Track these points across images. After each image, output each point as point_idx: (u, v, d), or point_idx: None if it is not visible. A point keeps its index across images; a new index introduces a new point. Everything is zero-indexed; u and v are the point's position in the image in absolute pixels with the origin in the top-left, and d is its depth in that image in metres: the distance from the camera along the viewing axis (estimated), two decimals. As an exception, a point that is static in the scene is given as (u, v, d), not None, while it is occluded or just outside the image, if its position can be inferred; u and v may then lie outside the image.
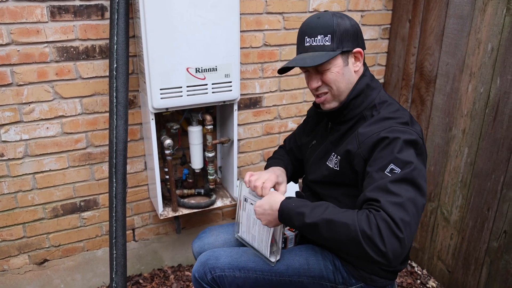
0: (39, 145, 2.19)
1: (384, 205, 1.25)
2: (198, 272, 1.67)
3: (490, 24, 2.14)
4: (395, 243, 1.20)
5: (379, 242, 1.20)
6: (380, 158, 1.35)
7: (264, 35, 2.48)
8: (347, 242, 1.26)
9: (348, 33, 1.46)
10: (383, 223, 1.21)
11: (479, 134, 2.27)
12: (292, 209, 1.41)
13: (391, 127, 1.39)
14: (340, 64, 1.48)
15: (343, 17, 1.48)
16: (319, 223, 1.32)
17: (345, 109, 1.54)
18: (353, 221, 1.25)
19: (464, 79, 2.32)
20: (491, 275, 2.31)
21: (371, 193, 1.31)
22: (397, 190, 1.27)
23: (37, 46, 2.03)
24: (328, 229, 1.30)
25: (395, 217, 1.22)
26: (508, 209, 2.16)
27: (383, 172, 1.32)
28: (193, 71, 2.07)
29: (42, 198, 2.30)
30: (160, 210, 2.36)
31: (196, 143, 2.36)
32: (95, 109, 2.25)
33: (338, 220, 1.28)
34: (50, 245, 2.41)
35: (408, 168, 1.30)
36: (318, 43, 1.47)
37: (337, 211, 1.33)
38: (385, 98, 1.54)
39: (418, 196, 1.29)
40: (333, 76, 1.49)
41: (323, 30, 1.45)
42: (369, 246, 1.21)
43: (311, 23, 1.49)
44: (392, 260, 1.21)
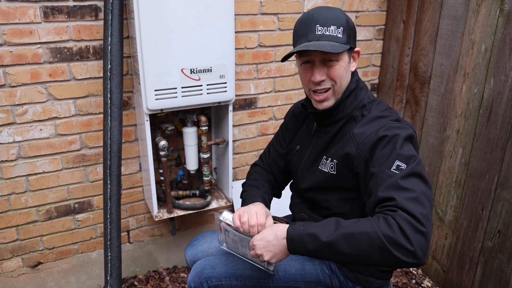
0: (33, 147, 2.17)
1: (401, 202, 1.20)
2: (194, 282, 1.64)
3: (484, 25, 2.15)
4: (421, 239, 1.15)
5: (406, 243, 1.14)
6: (383, 157, 1.32)
7: (259, 35, 2.48)
8: (372, 252, 1.18)
9: (354, 30, 1.47)
10: (404, 222, 1.16)
11: (473, 134, 2.28)
12: (303, 233, 1.30)
13: (386, 125, 1.39)
14: (346, 60, 1.46)
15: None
16: (337, 239, 1.22)
17: (335, 110, 1.52)
18: (372, 228, 1.19)
19: (458, 80, 2.33)
20: (486, 275, 2.32)
21: (383, 192, 1.25)
22: (409, 186, 1.23)
23: (30, 47, 2.01)
24: (348, 244, 1.21)
25: (415, 213, 1.17)
26: (502, 208, 2.17)
27: (390, 170, 1.28)
28: (187, 72, 2.06)
29: (35, 200, 2.28)
30: (155, 211, 2.35)
31: (191, 144, 2.35)
32: (89, 111, 2.23)
33: (357, 231, 1.20)
34: (44, 247, 2.40)
35: (413, 163, 1.28)
36: (332, 33, 1.39)
37: (350, 223, 1.25)
38: (373, 97, 1.55)
39: (427, 189, 1.26)
40: (340, 71, 1.44)
41: (337, 21, 1.40)
42: (397, 249, 1.15)
43: (323, 12, 1.41)
44: (422, 257, 1.15)
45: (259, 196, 1.68)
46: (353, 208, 1.52)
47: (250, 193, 1.70)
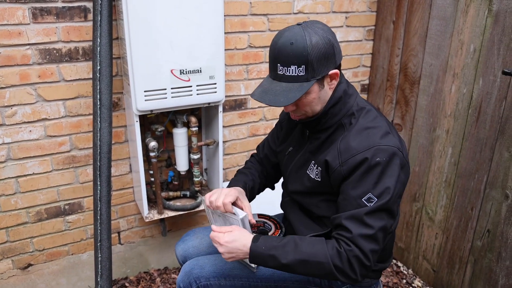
0: (22, 149, 2.17)
1: (355, 239, 1.34)
2: (183, 282, 1.65)
3: (472, 25, 2.17)
4: (364, 271, 1.36)
5: (351, 273, 1.35)
6: (360, 183, 1.37)
7: (249, 36, 2.48)
8: (322, 275, 1.40)
9: (323, 57, 1.36)
10: (354, 259, 1.34)
11: (463, 134, 2.29)
12: (264, 253, 1.43)
13: (374, 147, 1.37)
14: (316, 90, 1.42)
15: (317, 32, 1.37)
16: (294, 264, 1.39)
17: (323, 118, 1.49)
18: (326, 258, 1.36)
19: (447, 80, 2.34)
20: (475, 274, 2.34)
21: (346, 221, 1.37)
22: (371, 222, 1.35)
23: (19, 48, 2.01)
24: (303, 268, 1.39)
25: (365, 250, 1.34)
26: (491, 208, 2.19)
27: (361, 199, 1.36)
28: (177, 73, 2.06)
29: (25, 202, 2.27)
30: (145, 212, 2.35)
31: (181, 145, 2.35)
32: (79, 112, 2.23)
33: (312, 260, 1.37)
34: (34, 249, 2.39)
35: (385, 198, 1.35)
36: (292, 74, 1.37)
37: (307, 247, 1.40)
38: (363, 104, 1.51)
39: (389, 221, 1.39)
40: (308, 102, 1.44)
41: (297, 60, 1.35)
42: (342, 276, 1.37)
43: (284, 50, 1.36)
44: (360, 280, 1.38)
45: (242, 181, 1.76)
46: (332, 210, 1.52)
47: (235, 179, 1.80)
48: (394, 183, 1.36)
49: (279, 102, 1.37)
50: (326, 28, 1.40)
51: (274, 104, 1.38)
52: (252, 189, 1.78)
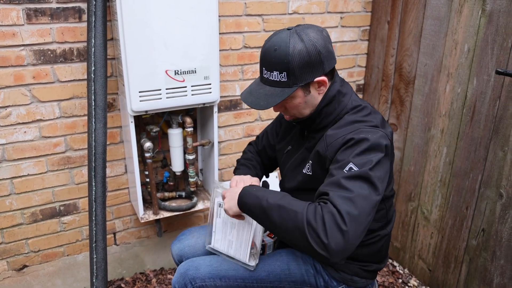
0: (17, 150, 2.16)
1: (332, 197, 1.24)
2: (179, 283, 1.65)
3: (466, 25, 2.17)
4: (338, 235, 1.18)
5: (322, 234, 1.18)
6: (342, 158, 1.33)
7: (243, 37, 2.48)
8: (293, 230, 1.25)
9: (306, 65, 1.37)
10: (328, 215, 1.20)
11: (457, 134, 2.30)
12: (251, 192, 1.40)
13: (358, 129, 1.38)
14: (301, 95, 1.44)
15: (305, 38, 1.37)
16: (272, 207, 1.30)
17: (317, 118, 1.50)
18: (302, 210, 1.25)
19: (442, 80, 2.35)
20: (471, 273, 2.34)
21: (323, 187, 1.30)
22: (349, 186, 1.25)
23: (13, 49, 2.00)
24: (278, 215, 1.29)
25: (341, 209, 1.20)
26: (486, 207, 2.19)
27: (342, 170, 1.30)
28: (172, 73, 2.06)
29: (20, 203, 2.27)
30: (141, 213, 2.35)
31: (176, 146, 2.35)
32: (73, 113, 2.23)
33: (289, 207, 1.27)
34: (30, 250, 2.38)
35: (367, 167, 1.28)
36: (274, 79, 1.40)
37: (291, 200, 1.32)
38: (357, 102, 1.51)
39: (372, 194, 1.27)
40: (294, 106, 1.47)
41: (279, 66, 1.37)
42: (312, 237, 1.20)
43: (268, 55, 1.40)
44: (334, 253, 1.18)
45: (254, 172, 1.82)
46: None
47: (242, 172, 1.81)
48: (378, 159, 1.31)
49: (259, 105, 1.41)
50: (317, 35, 1.39)
51: (254, 107, 1.43)
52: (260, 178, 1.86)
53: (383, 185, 1.32)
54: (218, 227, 1.71)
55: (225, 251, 1.68)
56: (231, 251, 1.67)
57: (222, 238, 1.69)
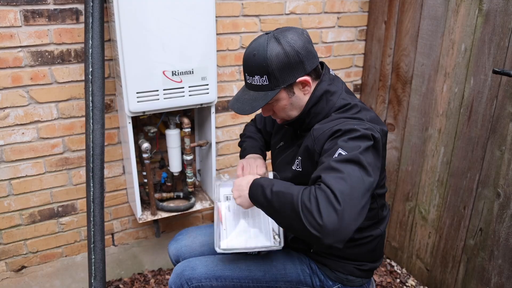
0: (15, 151, 2.16)
1: (324, 179, 1.22)
2: (175, 283, 1.66)
3: (463, 24, 2.18)
4: (332, 214, 1.15)
5: (316, 214, 1.16)
6: (330, 147, 1.33)
7: (241, 37, 2.48)
8: (290, 213, 1.24)
9: (286, 66, 1.40)
10: (321, 193, 1.18)
11: (455, 134, 2.30)
12: (259, 183, 1.40)
13: (345, 121, 1.38)
14: (285, 97, 1.46)
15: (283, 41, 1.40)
16: (274, 196, 1.30)
17: (306, 118, 1.51)
18: (298, 192, 1.24)
19: (439, 80, 2.35)
20: (468, 272, 2.35)
21: (315, 173, 1.29)
22: (340, 167, 1.24)
23: (11, 51, 2.01)
24: (278, 200, 1.29)
25: (333, 189, 1.18)
26: (483, 207, 2.20)
27: (331, 156, 1.28)
28: (169, 74, 2.06)
29: (18, 204, 2.27)
30: (138, 214, 2.35)
31: (174, 146, 2.35)
32: (71, 114, 2.23)
33: (286, 191, 1.27)
34: (28, 251, 2.38)
35: (356, 151, 1.27)
36: (257, 83, 1.44)
37: (291, 185, 1.31)
38: (346, 101, 1.50)
39: (364, 176, 1.25)
40: (281, 109, 1.50)
41: (259, 70, 1.41)
42: (306, 217, 1.18)
43: (248, 60, 1.44)
44: (330, 233, 1.15)
45: (258, 148, 1.87)
46: None
47: (249, 144, 1.88)
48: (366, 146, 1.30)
49: (245, 110, 1.45)
50: (295, 36, 1.42)
51: (240, 112, 1.46)
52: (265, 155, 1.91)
53: (374, 171, 1.30)
54: (229, 224, 1.66)
55: (243, 245, 1.62)
56: (252, 242, 1.62)
57: (237, 234, 1.65)
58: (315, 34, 2.69)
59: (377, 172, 1.32)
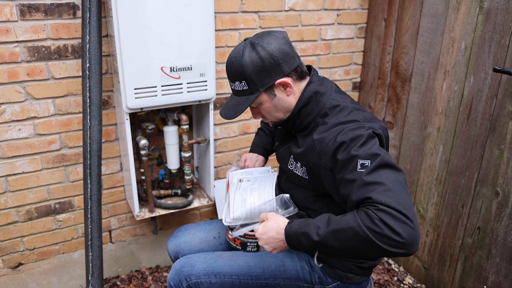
0: (11, 147, 2.15)
1: (376, 198, 1.21)
2: (174, 280, 1.66)
3: (464, 22, 2.17)
4: (407, 228, 1.16)
5: (393, 235, 1.16)
6: (346, 161, 1.32)
7: (240, 34, 2.47)
8: (360, 245, 1.22)
9: (262, 70, 1.43)
10: (384, 214, 1.18)
11: (454, 132, 2.30)
12: (298, 232, 1.36)
13: (343, 130, 1.38)
14: (267, 99, 1.50)
15: (257, 48, 1.43)
16: (326, 237, 1.27)
17: (297, 119, 1.53)
18: (357, 222, 1.21)
19: (438, 78, 2.34)
20: (466, 271, 2.34)
21: (356, 195, 1.27)
22: (377, 179, 1.24)
23: (7, 46, 1.99)
24: (337, 240, 1.25)
25: (391, 204, 1.18)
26: (481, 205, 2.19)
27: (356, 170, 1.28)
28: (167, 70, 2.05)
29: (15, 201, 2.25)
30: (136, 211, 2.34)
31: (172, 143, 2.34)
32: (68, 110, 2.21)
33: (343, 227, 1.24)
34: (25, 248, 2.37)
35: (377, 156, 1.28)
36: (238, 88, 1.50)
37: (337, 219, 1.28)
38: (336, 102, 1.50)
39: (397, 175, 1.27)
40: (265, 111, 1.54)
41: (237, 76, 1.47)
42: (385, 242, 1.17)
43: (227, 67, 1.51)
44: (412, 244, 1.17)
45: (262, 146, 1.98)
46: (324, 206, 1.54)
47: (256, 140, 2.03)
48: (377, 146, 1.33)
49: (229, 115, 1.52)
50: (271, 39, 1.45)
51: (226, 117, 1.53)
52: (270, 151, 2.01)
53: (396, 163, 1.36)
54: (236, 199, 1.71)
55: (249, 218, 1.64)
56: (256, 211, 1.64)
57: (242, 206, 1.67)
58: (314, 31, 2.67)
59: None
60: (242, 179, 1.80)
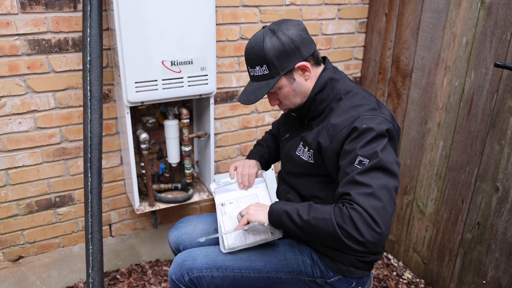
0: (12, 140, 2.15)
1: (354, 197, 1.31)
2: (175, 274, 1.66)
3: (465, 18, 2.16)
4: (371, 232, 1.27)
5: (355, 233, 1.27)
6: (349, 151, 1.39)
7: (240, 28, 2.46)
8: (327, 236, 1.34)
9: (282, 54, 1.47)
10: (356, 216, 1.28)
11: (454, 127, 2.30)
12: (280, 209, 1.47)
13: (359, 117, 1.42)
14: (286, 84, 1.52)
15: (278, 33, 1.47)
16: (303, 221, 1.38)
17: (312, 105, 1.56)
18: (330, 215, 1.33)
19: (439, 73, 2.34)
20: (465, 266, 2.35)
21: (342, 188, 1.37)
22: (366, 181, 1.32)
23: (7, 39, 1.98)
24: (309, 226, 1.37)
25: (366, 207, 1.28)
26: (481, 201, 2.20)
27: (353, 165, 1.36)
28: (168, 64, 2.04)
29: (15, 194, 2.25)
30: (136, 205, 2.34)
31: (172, 137, 2.34)
32: (69, 103, 2.21)
33: (319, 217, 1.35)
34: (25, 241, 2.37)
35: (376, 158, 1.34)
36: (258, 73, 1.52)
37: (318, 207, 1.40)
38: (350, 88, 1.56)
39: (390, 180, 1.34)
40: (284, 96, 1.55)
41: (258, 61, 1.49)
42: (347, 237, 1.29)
43: (247, 53, 1.53)
44: (372, 245, 1.28)
45: (258, 154, 1.95)
46: (331, 192, 1.55)
47: (254, 151, 1.99)
48: (382, 147, 1.37)
49: (250, 100, 1.53)
50: (289, 26, 1.50)
51: (246, 103, 1.54)
52: (267, 161, 1.98)
53: (396, 166, 1.38)
54: (227, 226, 1.72)
55: (244, 242, 1.67)
56: (251, 238, 1.67)
57: (236, 234, 1.69)
58: (315, 26, 2.67)
59: (398, 167, 1.40)
60: (224, 203, 1.77)
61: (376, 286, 2.63)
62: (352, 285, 1.67)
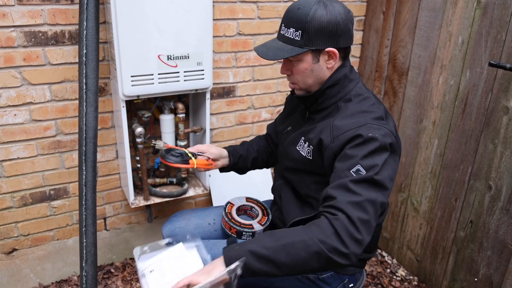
0: (7, 132, 2.14)
1: (340, 204, 1.26)
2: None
3: (461, 17, 2.17)
4: (355, 244, 1.23)
5: (341, 246, 1.21)
6: (350, 157, 1.34)
7: (238, 23, 2.46)
8: (311, 257, 1.23)
9: (322, 31, 1.40)
10: (340, 227, 1.22)
11: (449, 126, 2.31)
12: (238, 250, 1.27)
13: (366, 124, 1.38)
14: (309, 60, 1.46)
15: (329, 7, 1.40)
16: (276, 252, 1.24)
17: (320, 98, 1.52)
18: (307, 236, 1.23)
19: (435, 72, 2.35)
20: (458, 264, 2.36)
21: (331, 190, 1.31)
22: (357, 190, 1.28)
23: (3, 30, 1.98)
24: (285, 254, 1.24)
25: (352, 217, 1.23)
26: (474, 199, 2.21)
27: (349, 171, 1.31)
28: (164, 58, 2.04)
29: (10, 187, 2.25)
30: (131, 199, 2.34)
31: (168, 132, 2.34)
32: (64, 96, 2.21)
33: (295, 240, 1.24)
34: (19, 234, 2.37)
35: (373, 171, 1.30)
36: (290, 36, 1.45)
37: (286, 233, 1.28)
38: (361, 91, 1.52)
39: (379, 195, 1.30)
40: (300, 70, 1.49)
41: (297, 24, 1.42)
42: (333, 253, 1.21)
43: (290, 12, 1.46)
44: (354, 257, 1.23)
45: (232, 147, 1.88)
46: None
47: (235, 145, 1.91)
48: (383, 161, 1.34)
49: (268, 56, 1.47)
50: (342, 10, 1.42)
51: (263, 56, 1.48)
52: (242, 157, 1.87)
53: (391, 182, 1.36)
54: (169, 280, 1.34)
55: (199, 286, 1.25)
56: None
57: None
58: (312, 23, 2.67)
59: (391, 183, 1.37)
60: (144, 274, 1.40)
61: (370, 283, 2.64)
62: (344, 282, 1.67)
